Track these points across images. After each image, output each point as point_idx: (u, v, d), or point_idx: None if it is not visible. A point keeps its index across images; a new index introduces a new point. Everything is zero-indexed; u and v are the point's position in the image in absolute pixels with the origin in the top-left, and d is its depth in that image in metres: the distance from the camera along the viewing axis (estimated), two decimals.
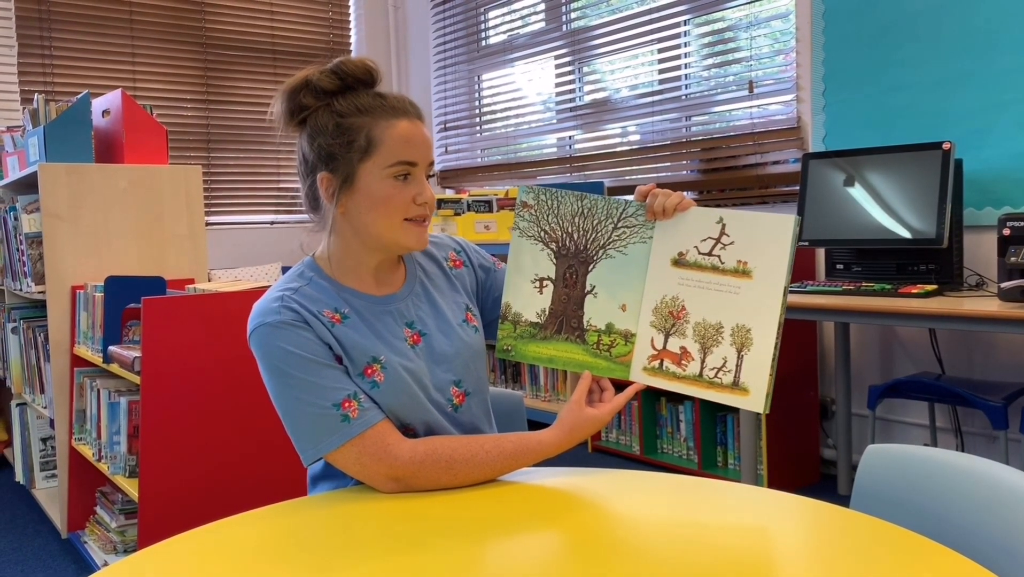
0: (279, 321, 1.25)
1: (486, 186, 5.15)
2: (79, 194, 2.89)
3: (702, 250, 1.26)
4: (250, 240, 5.12)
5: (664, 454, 3.76)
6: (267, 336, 1.25)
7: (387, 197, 1.27)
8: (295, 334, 1.24)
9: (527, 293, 1.33)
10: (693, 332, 1.26)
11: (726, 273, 1.25)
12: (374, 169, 1.27)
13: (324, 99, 1.29)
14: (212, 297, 2.37)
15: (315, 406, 1.23)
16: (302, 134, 1.32)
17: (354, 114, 1.27)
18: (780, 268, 1.22)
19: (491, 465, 1.25)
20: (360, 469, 1.23)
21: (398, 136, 1.27)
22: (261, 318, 1.26)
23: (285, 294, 1.28)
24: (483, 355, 1.43)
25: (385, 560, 0.99)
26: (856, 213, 2.94)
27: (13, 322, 3.43)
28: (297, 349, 1.24)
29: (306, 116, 1.30)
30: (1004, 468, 1.12)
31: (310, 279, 1.32)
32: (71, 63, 4.62)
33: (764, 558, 0.96)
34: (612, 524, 1.08)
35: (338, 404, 1.23)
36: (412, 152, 1.28)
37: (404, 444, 1.24)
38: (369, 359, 1.28)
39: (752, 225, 1.24)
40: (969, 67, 2.94)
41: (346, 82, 1.29)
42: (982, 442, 3.03)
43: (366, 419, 1.23)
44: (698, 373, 1.26)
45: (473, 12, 5.19)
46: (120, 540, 2.69)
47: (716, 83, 3.89)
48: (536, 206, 1.33)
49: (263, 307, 1.28)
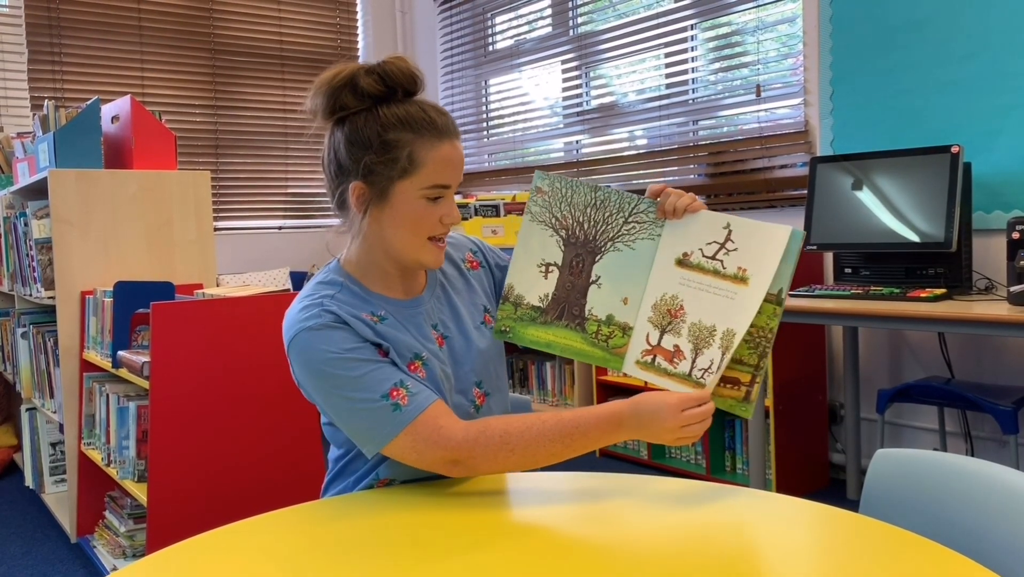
0: (320, 324, 1.24)
1: (493, 191, 5.16)
2: (88, 200, 2.90)
3: (706, 253, 1.27)
4: (258, 245, 5.13)
5: (672, 459, 3.75)
6: (307, 341, 1.24)
7: (418, 217, 1.27)
8: (335, 335, 1.24)
9: (532, 277, 1.33)
10: (688, 332, 1.27)
11: (726, 278, 1.26)
12: (410, 189, 1.26)
13: (366, 102, 1.27)
14: (221, 302, 2.38)
15: (365, 402, 1.22)
16: (336, 131, 1.30)
17: (398, 127, 1.25)
18: (767, 278, 1.23)
19: (548, 436, 1.20)
20: (418, 457, 1.22)
21: (440, 160, 1.27)
22: (300, 324, 1.25)
23: (324, 300, 1.28)
24: (502, 356, 1.44)
25: (395, 564, 0.99)
26: (864, 217, 2.93)
27: (23, 327, 3.45)
28: (339, 349, 1.23)
29: (345, 116, 1.29)
30: (1014, 472, 1.11)
31: (341, 285, 1.32)
32: (81, 69, 4.65)
33: (773, 563, 0.96)
34: (620, 528, 1.08)
35: (386, 394, 1.22)
36: (450, 176, 1.28)
37: (457, 425, 1.22)
38: (412, 355, 1.29)
39: (755, 233, 1.26)
40: (977, 70, 2.94)
41: (391, 88, 1.27)
42: (992, 446, 3.01)
43: (417, 403, 1.22)
44: (687, 372, 1.26)
45: (480, 17, 5.20)
46: (129, 544, 2.70)
47: (723, 87, 3.89)
48: (550, 193, 1.33)
49: (299, 315, 1.27)
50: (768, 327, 1.24)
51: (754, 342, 1.24)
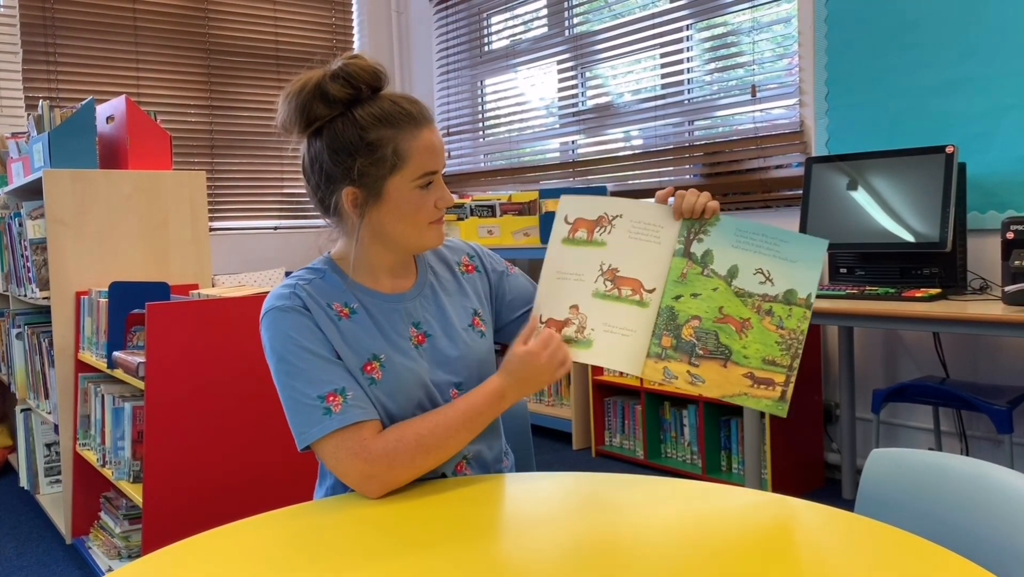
0: (287, 306, 1.29)
1: (489, 191, 5.16)
2: (83, 200, 2.90)
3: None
4: (254, 245, 5.13)
5: (668, 459, 3.75)
6: (274, 319, 1.29)
7: (415, 208, 1.30)
8: (298, 321, 1.28)
9: None
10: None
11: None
12: (403, 182, 1.28)
13: (338, 107, 1.28)
14: (216, 303, 2.38)
15: (303, 394, 1.25)
16: (314, 142, 1.30)
17: (377, 126, 1.27)
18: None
19: (455, 427, 1.27)
20: (336, 464, 1.24)
21: (423, 148, 1.29)
22: (272, 302, 1.30)
23: (298, 283, 1.32)
24: (490, 360, 1.43)
25: (391, 564, 0.99)
26: (859, 217, 2.94)
27: (18, 328, 3.44)
28: (297, 335, 1.27)
29: (321, 126, 1.29)
30: (1009, 472, 1.11)
31: (324, 272, 1.35)
32: (76, 69, 4.64)
33: (768, 563, 0.96)
34: (615, 528, 1.08)
35: (323, 396, 1.24)
36: (436, 161, 1.31)
37: (378, 439, 1.25)
38: (370, 356, 1.30)
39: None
40: (972, 71, 2.94)
41: (357, 88, 1.28)
42: (987, 446, 3.02)
43: (346, 416, 1.24)
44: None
45: (476, 17, 5.20)
46: (124, 545, 2.69)
47: (719, 87, 3.89)
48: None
49: (276, 293, 1.32)
50: (799, 329, 1.29)
51: (785, 344, 1.29)
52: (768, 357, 1.28)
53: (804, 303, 1.29)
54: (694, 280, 1.33)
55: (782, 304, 1.29)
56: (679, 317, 1.32)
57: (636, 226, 1.36)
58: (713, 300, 1.31)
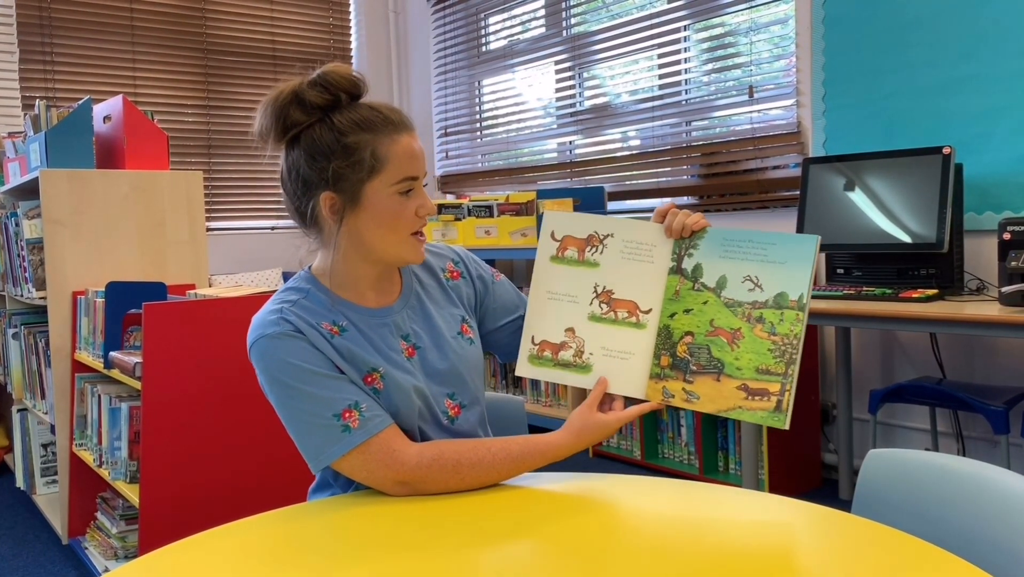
0: (278, 332, 1.25)
1: (487, 191, 5.16)
2: (80, 200, 2.89)
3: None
4: (251, 245, 5.12)
5: (665, 459, 3.75)
6: (266, 348, 1.25)
7: (395, 214, 1.27)
8: (294, 345, 1.24)
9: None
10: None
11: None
12: (381, 187, 1.26)
13: (316, 114, 1.27)
14: (213, 303, 2.37)
15: (316, 416, 1.22)
16: (292, 150, 1.29)
17: (355, 130, 1.25)
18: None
19: (497, 468, 1.25)
20: (367, 475, 1.23)
21: (402, 152, 1.27)
22: (260, 330, 1.26)
23: (284, 307, 1.28)
24: (479, 367, 1.42)
25: (386, 565, 0.99)
26: (857, 218, 2.94)
27: (14, 328, 3.43)
28: (296, 360, 1.24)
29: (298, 133, 1.28)
30: (1005, 472, 1.12)
31: (307, 292, 1.31)
32: (72, 69, 4.63)
33: (765, 563, 0.96)
34: (613, 529, 1.08)
35: (338, 415, 1.22)
36: (416, 167, 1.28)
37: (410, 449, 1.24)
38: (368, 368, 1.28)
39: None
40: (969, 71, 2.95)
41: (335, 96, 1.27)
42: (983, 447, 3.03)
43: (368, 428, 1.23)
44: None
45: (474, 17, 5.20)
46: (121, 546, 2.69)
47: (716, 88, 3.89)
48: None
49: (261, 319, 1.28)
50: (792, 334, 1.24)
51: (779, 351, 1.24)
52: (762, 366, 1.24)
53: (796, 305, 1.24)
54: (686, 296, 1.29)
55: (772, 309, 1.25)
56: (674, 335, 1.29)
57: (628, 246, 1.33)
58: (704, 314, 1.28)
